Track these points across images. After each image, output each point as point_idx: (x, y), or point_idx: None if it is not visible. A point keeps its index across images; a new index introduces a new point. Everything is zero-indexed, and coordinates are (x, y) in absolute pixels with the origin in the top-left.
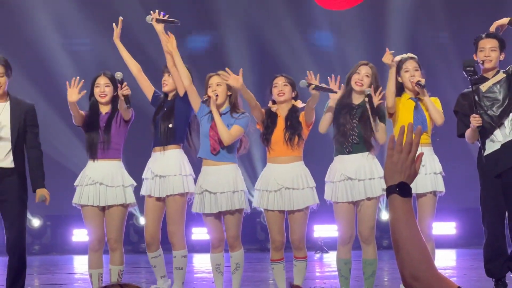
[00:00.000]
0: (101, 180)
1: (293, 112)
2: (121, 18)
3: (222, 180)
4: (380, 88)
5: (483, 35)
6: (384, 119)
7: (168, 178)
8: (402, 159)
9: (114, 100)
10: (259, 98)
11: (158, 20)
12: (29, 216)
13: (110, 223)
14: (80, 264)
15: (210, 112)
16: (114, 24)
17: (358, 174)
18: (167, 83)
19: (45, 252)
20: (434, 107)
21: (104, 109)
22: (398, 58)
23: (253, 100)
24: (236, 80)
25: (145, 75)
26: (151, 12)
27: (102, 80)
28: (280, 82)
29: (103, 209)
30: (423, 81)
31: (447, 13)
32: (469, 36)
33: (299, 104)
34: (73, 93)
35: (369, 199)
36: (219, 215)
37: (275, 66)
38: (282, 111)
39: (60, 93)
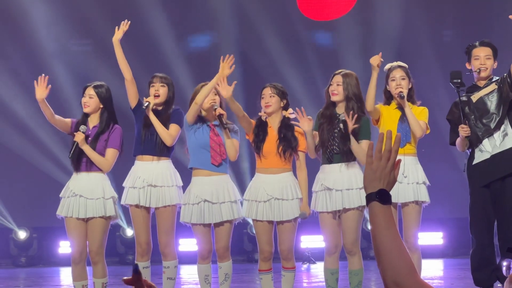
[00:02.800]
0: (81, 192)
1: (286, 124)
2: (128, 21)
3: (222, 190)
4: (351, 113)
5: (477, 43)
6: (368, 136)
7: (164, 188)
8: (381, 167)
9: (102, 114)
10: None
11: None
12: (15, 228)
13: (90, 235)
14: (67, 276)
15: (205, 124)
16: (117, 27)
17: (335, 184)
18: (160, 93)
19: (32, 264)
20: (414, 119)
21: (92, 122)
22: (387, 66)
23: (240, 111)
24: (226, 90)
25: (135, 82)
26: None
27: (88, 91)
28: (267, 93)
29: (86, 221)
30: (404, 92)
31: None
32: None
33: (290, 114)
34: (41, 90)
35: (346, 210)
36: (209, 225)
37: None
38: (272, 121)
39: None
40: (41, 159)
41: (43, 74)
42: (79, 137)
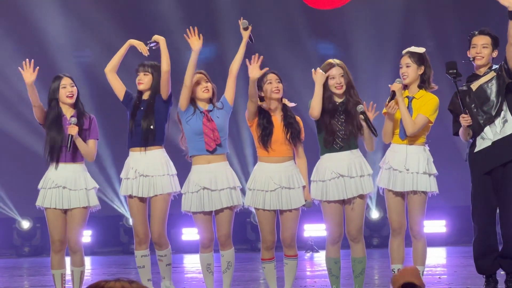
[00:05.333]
0: (64, 183)
1: (288, 111)
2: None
3: (220, 177)
4: (371, 103)
5: (476, 32)
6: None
7: (155, 178)
8: None
9: (76, 104)
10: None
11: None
12: (18, 218)
13: (71, 225)
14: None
15: (198, 110)
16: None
17: (349, 171)
18: (143, 82)
19: (35, 254)
20: (407, 116)
21: (68, 112)
22: (404, 51)
23: (256, 97)
24: (256, 71)
25: (116, 75)
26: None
27: (68, 81)
28: (274, 79)
29: (65, 211)
30: (396, 88)
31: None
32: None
33: (289, 102)
34: (28, 74)
35: (361, 196)
36: (210, 214)
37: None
38: (274, 109)
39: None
40: (40, 148)
41: (27, 59)
42: (74, 130)
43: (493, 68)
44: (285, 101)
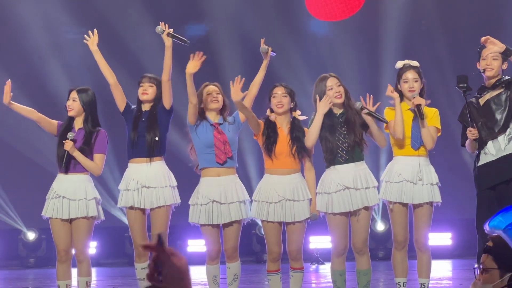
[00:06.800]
0: (64, 193)
1: (296, 124)
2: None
3: (230, 191)
4: (367, 95)
5: None
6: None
7: (157, 189)
8: None
9: (86, 118)
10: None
11: (169, 34)
12: (24, 229)
13: (75, 235)
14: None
15: (208, 123)
16: (90, 32)
17: (355, 183)
18: (148, 92)
19: (41, 265)
20: (427, 133)
21: (78, 124)
22: (399, 64)
23: (250, 113)
24: (237, 94)
25: (120, 86)
26: (161, 22)
27: (72, 94)
28: (279, 93)
29: (69, 221)
30: (422, 102)
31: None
32: (466, 44)
33: (299, 116)
34: (5, 95)
35: (366, 208)
36: (218, 226)
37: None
38: (281, 122)
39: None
40: (49, 160)
41: (9, 80)
42: (68, 145)
43: (503, 79)
44: (296, 114)
